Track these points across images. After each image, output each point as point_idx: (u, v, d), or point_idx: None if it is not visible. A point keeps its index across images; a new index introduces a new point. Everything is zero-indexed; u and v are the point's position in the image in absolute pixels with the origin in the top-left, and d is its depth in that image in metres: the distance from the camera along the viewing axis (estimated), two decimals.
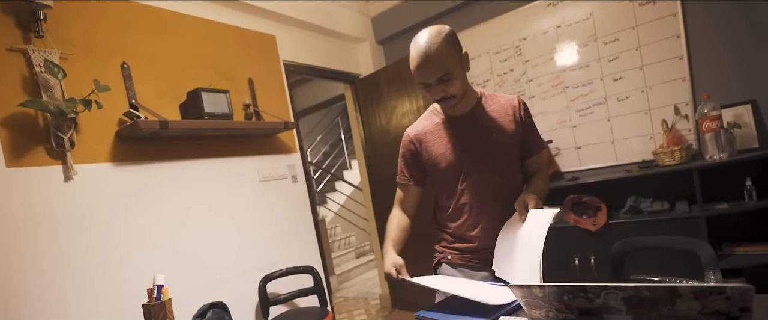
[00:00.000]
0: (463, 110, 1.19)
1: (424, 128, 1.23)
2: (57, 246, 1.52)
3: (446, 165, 1.18)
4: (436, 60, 1.04)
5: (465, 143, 1.17)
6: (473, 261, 1.19)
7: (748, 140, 2.08)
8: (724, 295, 0.55)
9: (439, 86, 1.08)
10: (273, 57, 2.52)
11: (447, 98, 1.10)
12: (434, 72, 1.05)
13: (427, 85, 1.09)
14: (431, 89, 1.09)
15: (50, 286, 1.48)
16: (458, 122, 1.19)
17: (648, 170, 2.18)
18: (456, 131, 1.18)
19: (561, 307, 0.70)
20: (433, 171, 1.22)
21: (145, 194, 1.80)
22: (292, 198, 2.47)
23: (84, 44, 1.68)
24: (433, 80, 1.07)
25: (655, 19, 2.28)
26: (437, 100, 1.12)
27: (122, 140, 1.76)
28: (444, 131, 1.20)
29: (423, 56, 1.04)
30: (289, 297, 2.17)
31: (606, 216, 2.20)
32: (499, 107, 1.20)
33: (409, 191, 1.28)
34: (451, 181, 1.19)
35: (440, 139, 1.20)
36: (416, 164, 1.25)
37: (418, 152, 1.23)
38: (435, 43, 1.04)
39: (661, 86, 2.31)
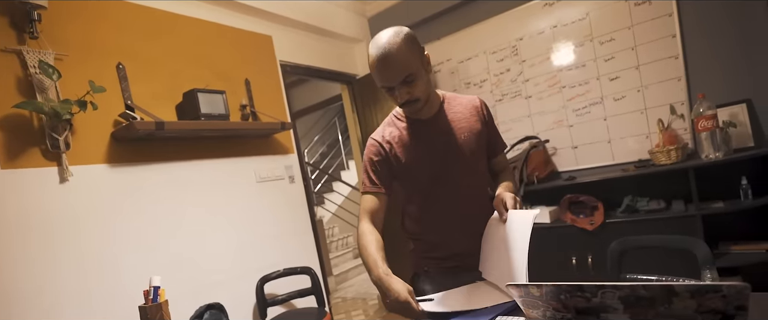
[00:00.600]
0: (428, 113, 1.15)
1: (391, 134, 1.17)
2: (52, 248, 1.51)
3: (418, 170, 1.13)
4: (398, 62, 1.00)
5: (435, 147, 1.13)
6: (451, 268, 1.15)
7: (744, 139, 2.09)
8: (720, 294, 0.55)
9: (403, 88, 1.03)
10: (269, 57, 2.51)
11: (412, 101, 1.06)
12: (397, 74, 1.01)
13: (391, 88, 1.04)
14: (395, 92, 1.04)
15: (45, 288, 1.47)
16: (425, 126, 1.15)
17: (644, 169, 2.19)
18: (424, 136, 1.14)
19: (558, 306, 0.70)
20: (403, 177, 1.16)
21: (142, 196, 1.80)
22: (290, 199, 2.46)
23: (79, 45, 1.68)
24: (396, 82, 1.02)
25: (651, 18, 2.29)
26: (402, 104, 1.07)
27: (118, 141, 1.75)
28: (411, 136, 1.15)
29: (384, 58, 1.00)
30: (287, 298, 2.16)
31: (603, 215, 2.20)
32: (463, 107, 1.18)
33: (379, 200, 1.15)
34: (424, 186, 1.15)
35: (408, 144, 1.14)
36: (386, 170, 1.15)
37: (385, 157, 1.15)
38: (395, 44, 0.99)
39: (656, 86, 2.32)
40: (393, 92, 1.05)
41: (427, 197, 1.16)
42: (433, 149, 1.13)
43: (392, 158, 1.15)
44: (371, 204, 1.14)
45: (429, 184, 1.14)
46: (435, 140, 1.14)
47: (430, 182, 1.14)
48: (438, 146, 1.14)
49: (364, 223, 1.13)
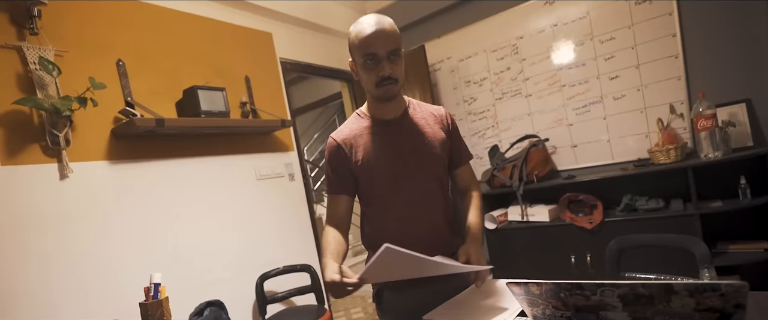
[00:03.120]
0: (393, 113, 1.12)
1: (352, 132, 1.13)
2: (53, 244, 1.51)
3: (379, 171, 1.09)
4: (390, 32, 1.01)
5: (397, 148, 1.09)
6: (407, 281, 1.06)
7: (743, 139, 2.10)
8: (718, 292, 0.55)
9: (387, 63, 1.01)
10: (270, 55, 2.51)
11: (392, 79, 1.03)
12: (388, 43, 1.00)
13: (376, 59, 1.01)
14: (379, 64, 1.01)
15: (46, 284, 1.48)
16: (388, 126, 1.11)
17: (643, 168, 2.20)
18: (387, 136, 1.10)
19: (558, 304, 0.70)
20: (364, 178, 1.11)
21: (142, 193, 1.80)
22: (289, 196, 2.47)
23: (79, 41, 1.67)
24: (385, 51, 1.00)
25: (651, 18, 2.29)
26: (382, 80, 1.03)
27: (118, 137, 1.75)
28: (373, 136, 1.10)
29: (376, 25, 1.00)
30: (287, 295, 2.17)
31: (602, 214, 2.21)
32: (428, 114, 1.16)
33: (341, 202, 1.12)
34: (384, 188, 1.10)
35: (371, 143, 1.10)
36: (347, 171, 1.12)
37: (347, 157, 1.11)
38: (386, 19, 1.03)
39: (656, 85, 2.33)
40: (378, 64, 1.02)
41: (387, 201, 1.11)
42: (395, 150, 1.09)
43: (352, 157, 1.11)
44: (333, 209, 1.12)
45: (389, 186, 1.09)
46: (398, 141, 1.10)
47: (390, 183, 1.09)
48: (400, 147, 1.10)
49: (326, 227, 1.12)
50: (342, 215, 1.12)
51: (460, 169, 1.21)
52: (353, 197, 1.14)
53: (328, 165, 1.14)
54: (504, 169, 2.59)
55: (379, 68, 1.02)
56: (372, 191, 1.12)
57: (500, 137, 2.89)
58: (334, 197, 1.13)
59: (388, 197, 1.10)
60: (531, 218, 2.43)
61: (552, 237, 2.34)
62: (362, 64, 1.04)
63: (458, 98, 3.05)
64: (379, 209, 1.13)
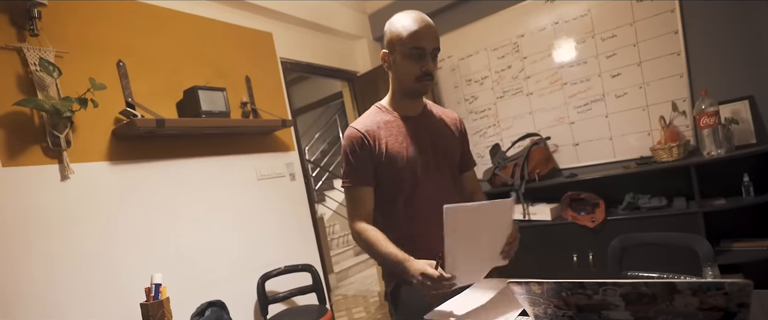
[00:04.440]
0: (414, 109, 1.17)
1: (376, 124, 1.11)
2: (54, 245, 1.52)
3: (403, 164, 1.08)
4: (435, 30, 1.07)
5: (420, 144, 1.12)
6: None
7: (746, 136, 2.09)
8: (722, 291, 0.55)
9: (430, 59, 1.07)
10: (270, 55, 2.51)
11: (432, 75, 1.09)
12: (434, 40, 1.06)
13: (422, 54, 1.06)
14: (423, 59, 1.06)
15: (47, 285, 1.48)
16: (411, 122, 1.14)
17: (646, 166, 2.19)
18: (411, 131, 1.13)
19: (560, 304, 0.70)
20: (386, 171, 1.09)
21: (143, 193, 1.80)
22: (290, 196, 2.46)
23: (79, 42, 1.67)
24: (431, 47, 1.06)
25: (653, 15, 2.28)
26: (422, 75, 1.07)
27: (119, 138, 1.75)
28: (395, 128, 1.12)
29: (425, 21, 1.06)
30: (288, 295, 2.16)
31: (604, 213, 2.20)
32: (444, 115, 1.23)
33: (367, 195, 1.10)
34: (406, 183, 1.09)
35: (394, 137, 1.10)
36: (368, 162, 1.09)
37: (371, 148, 1.09)
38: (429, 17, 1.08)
39: (658, 82, 2.31)
40: (423, 58, 1.06)
41: (409, 196, 1.10)
42: (418, 146, 1.12)
43: (376, 148, 1.09)
44: (361, 199, 1.10)
45: (412, 181, 1.10)
46: (421, 137, 1.13)
47: (412, 178, 1.10)
48: (423, 143, 1.13)
49: (359, 222, 1.09)
50: (368, 209, 1.11)
51: (467, 174, 1.26)
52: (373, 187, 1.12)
53: (350, 156, 1.10)
54: (505, 168, 2.58)
55: (424, 63, 1.06)
56: (392, 184, 1.10)
57: (501, 135, 2.88)
58: (359, 189, 1.09)
59: (409, 191, 1.11)
60: (533, 217, 2.42)
61: (554, 236, 2.34)
62: (407, 57, 1.06)
63: (459, 97, 3.05)
64: (399, 202, 1.11)
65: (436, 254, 0.97)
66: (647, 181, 2.30)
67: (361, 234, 1.07)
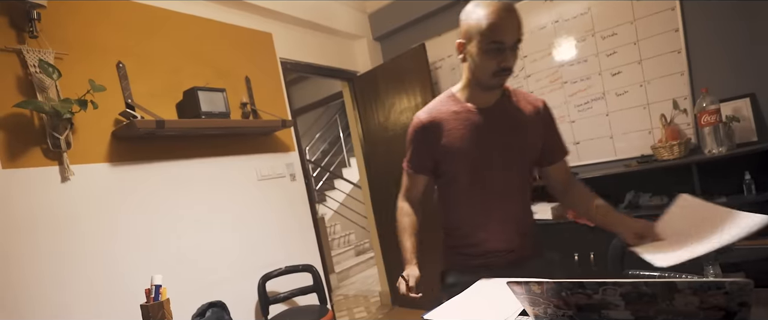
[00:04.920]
0: (488, 100, 1.09)
1: (440, 114, 1.11)
2: (54, 246, 1.52)
3: (461, 158, 1.08)
4: (518, 20, 0.96)
5: (484, 137, 1.07)
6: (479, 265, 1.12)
7: (747, 134, 2.08)
8: (722, 290, 0.54)
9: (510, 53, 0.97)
10: (270, 55, 2.51)
11: (509, 69, 1.00)
12: (516, 32, 0.96)
13: (501, 48, 0.96)
14: (502, 53, 0.97)
15: (47, 287, 1.48)
16: (479, 114, 1.08)
17: (647, 165, 2.18)
18: (475, 123, 1.08)
19: (559, 303, 0.69)
20: (444, 163, 1.11)
21: (143, 194, 1.80)
22: (291, 197, 2.46)
23: (79, 44, 1.67)
24: (513, 40, 0.96)
25: (653, 13, 2.27)
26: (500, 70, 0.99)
27: (119, 139, 1.75)
28: (461, 121, 1.08)
29: (508, 11, 0.95)
30: (289, 296, 2.16)
31: None
32: (524, 104, 1.12)
33: (417, 180, 1.17)
34: (465, 176, 1.09)
35: (457, 129, 1.08)
36: (427, 151, 1.12)
37: (430, 139, 1.11)
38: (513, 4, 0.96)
39: (659, 81, 2.31)
40: (502, 52, 0.97)
41: (464, 188, 1.10)
42: (481, 138, 1.07)
43: (436, 139, 1.10)
44: (408, 183, 1.18)
45: (470, 174, 1.09)
46: (485, 130, 1.07)
47: (471, 172, 1.09)
48: (487, 136, 1.07)
49: (401, 201, 1.19)
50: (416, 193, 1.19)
51: (556, 166, 1.16)
52: (430, 176, 1.17)
53: (411, 142, 1.15)
54: None
55: (502, 58, 0.98)
56: (454, 177, 1.12)
57: None
58: (412, 175, 1.18)
59: (466, 185, 1.10)
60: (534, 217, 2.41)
61: (555, 236, 2.33)
62: (484, 51, 0.98)
63: None
64: (456, 196, 1.13)
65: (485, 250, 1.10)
66: (648, 179, 2.29)
67: (397, 214, 1.18)
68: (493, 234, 1.11)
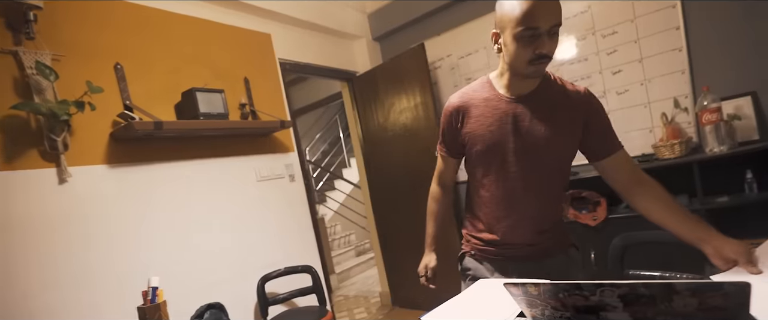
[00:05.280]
0: (522, 89, 1.04)
1: (471, 100, 1.09)
2: (52, 248, 1.51)
3: (484, 148, 1.06)
4: (556, 4, 0.90)
5: (511, 128, 1.03)
6: (494, 255, 1.13)
7: (749, 132, 2.06)
8: (721, 292, 0.53)
9: (547, 38, 0.91)
10: (269, 56, 2.50)
11: (548, 56, 0.94)
12: (552, 15, 0.90)
13: (535, 34, 0.91)
14: (538, 39, 0.91)
15: (45, 288, 1.48)
16: (511, 102, 1.04)
17: (648, 163, 2.17)
18: (505, 111, 1.04)
19: (557, 305, 0.68)
20: (468, 150, 1.11)
21: (141, 196, 1.79)
22: (290, 197, 2.46)
23: (76, 45, 1.67)
24: (548, 25, 0.90)
25: (654, 11, 2.25)
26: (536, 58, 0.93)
27: (117, 141, 1.74)
28: (491, 109, 1.05)
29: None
30: (288, 297, 2.16)
31: (605, 211, 2.18)
32: (564, 95, 1.04)
33: (448, 163, 1.21)
34: (486, 166, 1.08)
35: (484, 117, 1.06)
36: (454, 137, 1.13)
37: (458, 123, 1.11)
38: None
39: (660, 79, 2.29)
40: (537, 39, 0.91)
41: (486, 177, 1.09)
42: (507, 130, 1.03)
43: (460, 125, 1.11)
44: (441, 165, 1.23)
45: (491, 165, 1.07)
46: (514, 121, 1.03)
47: (493, 163, 1.06)
48: (514, 128, 1.03)
49: (433, 184, 1.27)
50: (449, 176, 1.24)
51: (609, 159, 1.05)
52: (460, 159, 1.19)
53: (442, 125, 1.17)
54: None
55: (538, 44, 0.92)
56: (476, 165, 1.12)
57: None
58: (443, 158, 1.22)
59: (489, 174, 1.08)
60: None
61: None
62: (517, 37, 0.93)
63: None
64: (481, 185, 1.12)
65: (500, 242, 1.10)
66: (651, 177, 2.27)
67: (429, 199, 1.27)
68: (509, 228, 1.09)
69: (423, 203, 1.32)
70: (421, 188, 2.92)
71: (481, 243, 1.15)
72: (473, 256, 1.18)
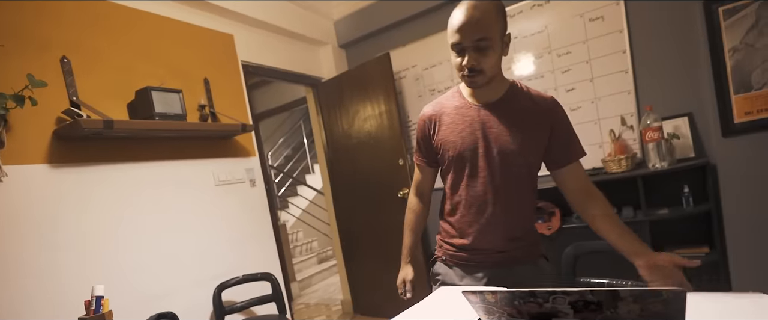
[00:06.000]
0: (489, 96, 1.10)
1: (442, 109, 1.16)
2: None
3: (454, 154, 1.10)
4: (479, 21, 0.97)
5: (480, 135, 1.08)
6: (465, 260, 1.16)
7: (686, 150, 2.24)
8: (660, 298, 0.57)
9: (473, 53, 0.99)
10: (231, 57, 2.44)
11: (476, 70, 1.00)
12: (474, 32, 0.97)
13: (461, 49, 1.00)
14: (464, 54, 1.00)
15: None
16: (477, 110, 1.10)
17: (597, 177, 2.30)
18: (474, 118, 1.09)
19: (513, 312, 0.71)
20: (441, 156, 1.16)
21: (87, 198, 1.68)
22: (250, 203, 2.39)
23: (16, 35, 1.55)
24: (470, 42, 0.98)
25: (604, 34, 2.41)
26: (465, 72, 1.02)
27: (61, 139, 1.63)
28: (461, 116, 1.11)
29: (466, 12, 0.98)
30: (246, 305, 2.08)
31: (559, 221, 2.29)
32: (531, 102, 1.10)
33: (425, 172, 1.25)
34: (458, 171, 1.12)
35: (454, 124, 1.11)
36: (428, 145, 1.19)
37: (431, 131, 1.17)
38: (482, 4, 0.98)
39: (609, 98, 2.45)
40: (462, 53, 1.01)
41: (457, 184, 1.14)
42: (476, 137, 1.08)
43: (432, 133, 1.17)
44: (418, 175, 1.27)
45: (461, 171, 1.11)
46: (483, 128, 1.08)
47: (463, 169, 1.11)
48: (484, 134, 1.08)
49: (411, 195, 1.30)
50: (426, 185, 1.28)
51: (566, 168, 1.11)
52: (434, 167, 1.23)
53: (417, 135, 1.23)
54: None
55: (465, 59, 1.01)
56: (448, 171, 1.16)
57: None
58: (418, 166, 1.26)
59: (461, 180, 1.13)
60: None
61: None
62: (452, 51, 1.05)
63: (423, 107, 3.08)
64: (452, 190, 1.17)
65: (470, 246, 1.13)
66: (599, 190, 2.41)
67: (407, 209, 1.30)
68: (480, 232, 1.12)
69: (386, 211, 1.34)
70: (384, 195, 2.96)
71: (452, 249, 1.18)
72: (444, 261, 1.21)
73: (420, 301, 1.03)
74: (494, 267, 1.13)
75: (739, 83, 2.01)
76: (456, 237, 1.17)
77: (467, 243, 1.14)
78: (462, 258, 1.16)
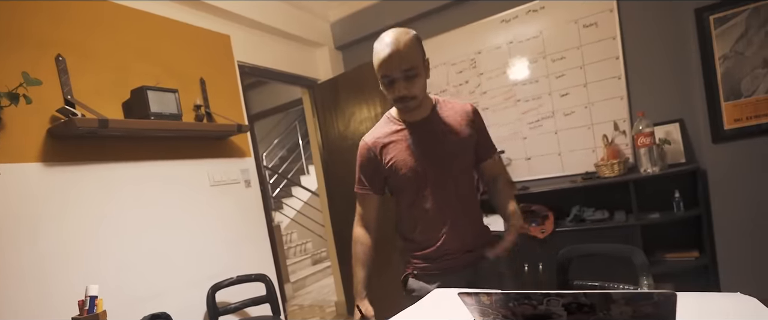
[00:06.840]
0: (419, 115, 1.19)
1: (382, 134, 1.22)
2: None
3: (406, 171, 1.17)
4: (404, 53, 1.06)
5: (424, 149, 1.17)
6: (436, 270, 1.20)
7: (677, 156, 2.28)
8: (651, 301, 0.59)
9: (402, 82, 1.08)
10: (227, 57, 2.43)
11: (408, 97, 1.10)
12: (401, 64, 1.06)
13: (391, 80, 1.08)
14: (394, 85, 1.09)
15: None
16: (415, 127, 1.19)
17: (590, 181, 2.33)
18: (414, 137, 1.18)
19: (508, 314, 0.72)
20: (393, 179, 1.20)
21: (81, 197, 1.67)
22: (245, 203, 2.38)
23: (12, 33, 1.54)
24: (399, 73, 1.07)
25: (598, 40, 2.45)
26: (397, 99, 1.11)
27: (56, 138, 1.62)
28: (402, 138, 1.19)
29: (391, 46, 1.06)
30: (240, 306, 2.08)
31: (553, 224, 2.31)
32: (454, 112, 1.22)
33: (369, 201, 1.25)
34: (412, 187, 1.18)
35: (399, 145, 1.19)
36: (375, 172, 1.22)
37: (376, 159, 1.21)
38: (404, 38, 1.07)
39: (602, 103, 2.48)
40: (392, 84, 1.09)
41: (415, 198, 1.19)
42: (421, 151, 1.16)
43: (380, 159, 1.20)
44: (361, 207, 1.26)
45: (417, 185, 1.17)
46: (424, 142, 1.17)
47: (417, 182, 1.17)
48: (426, 148, 1.17)
49: (356, 227, 1.26)
50: (371, 215, 1.25)
51: (486, 162, 1.27)
52: (381, 195, 1.25)
53: (358, 166, 1.24)
54: None
55: (394, 89, 1.09)
56: (403, 190, 1.21)
57: None
58: (363, 196, 1.25)
59: (419, 195, 1.18)
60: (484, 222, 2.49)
61: None
62: (380, 83, 1.11)
63: None
64: (410, 207, 1.21)
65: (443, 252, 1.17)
66: (592, 195, 2.44)
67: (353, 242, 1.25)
68: (448, 235, 1.18)
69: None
70: None
71: (421, 261, 1.22)
72: (416, 276, 1.24)
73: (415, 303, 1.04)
74: (463, 269, 1.19)
75: (729, 91, 2.04)
76: (425, 248, 1.21)
77: (438, 250, 1.19)
78: (431, 270, 1.21)
